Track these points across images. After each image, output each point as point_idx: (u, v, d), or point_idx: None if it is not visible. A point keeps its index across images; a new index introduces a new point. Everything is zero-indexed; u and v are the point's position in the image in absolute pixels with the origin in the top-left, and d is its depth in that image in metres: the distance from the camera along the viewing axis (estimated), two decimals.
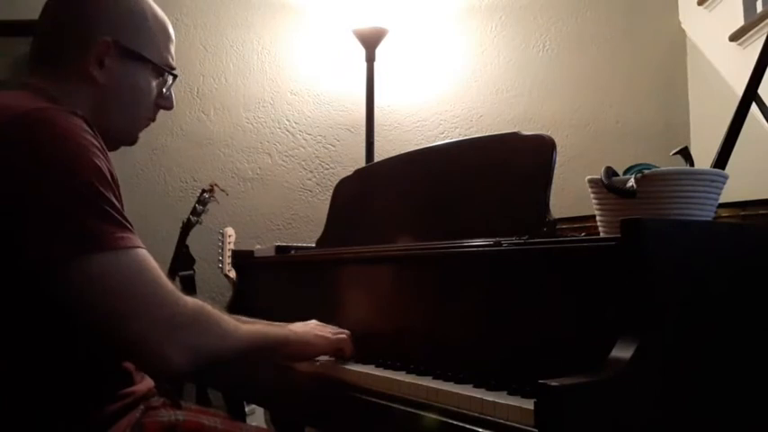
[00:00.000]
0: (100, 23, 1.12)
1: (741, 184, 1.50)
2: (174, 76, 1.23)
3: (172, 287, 1.00)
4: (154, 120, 1.24)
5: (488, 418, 0.92)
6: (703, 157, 1.44)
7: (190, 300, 1.03)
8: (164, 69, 1.20)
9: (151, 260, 0.99)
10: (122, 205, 1.01)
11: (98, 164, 0.97)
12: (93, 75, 1.11)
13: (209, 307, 1.06)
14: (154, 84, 1.20)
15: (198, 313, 1.03)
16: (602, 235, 1.14)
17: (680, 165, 1.21)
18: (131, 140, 1.22)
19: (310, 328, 1.30)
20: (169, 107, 1.24)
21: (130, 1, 1.16)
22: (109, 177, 0.99)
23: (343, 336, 1.31)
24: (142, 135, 1.25)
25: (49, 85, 1.09)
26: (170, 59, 1.22)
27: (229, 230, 2.41)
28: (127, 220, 0.99)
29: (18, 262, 0.94)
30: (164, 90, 1.22)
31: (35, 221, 0.93)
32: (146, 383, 1.16)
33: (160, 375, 1.15)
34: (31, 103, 1.00)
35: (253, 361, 1.30)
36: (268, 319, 1.26)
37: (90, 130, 1.00)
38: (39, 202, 0.93)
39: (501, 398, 0.93)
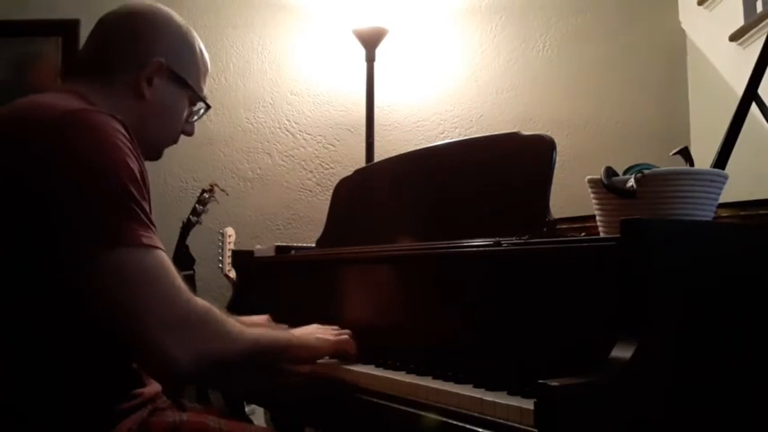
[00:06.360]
0: (157, 46, 1.21)
1: (741, 184, 1.50)
2: (208, 107, 1.33)
3: (186, 290, 1.02)
4: (176, 142, 1.32)
5: (488, 418, 0.92)
6: (703, 157, 1.44)
7: (200, 302, 1.04)
8: (200, 98, 1.30)
9: (169, 262, 1.02)
10: (150, 209, 1.04)
11: (131, 165, 1.01)
12: (142, 90, 1.19)
13: (216, 310, 1.07)
14: (186, 109, 1.29)
15: (206, 316, 1.04)
16: (602, 235, 1.14)
17: (680, 165, 1.21)
18: (157, 156, 1.29)
19: (312, 330, 1.30)
20: (191, 133, 1.33)
21: (185, 34, 1.27)
22: (140, 180, 1.02)
23: (345, 337, 1.31)
24: None
25: (92, 91, 1.14)
26: (204, 92, 1.32)
27: (229, 230, 2.41)
28: (152, 222, 1.02)
29: (46, 254, 0.97)
30: (194, 117, 1.32)
31: (67, 215, 0.96)
32: (154, 386, 1.18)
33: (163, 375, 1.15)
34: (71, 104, 1.04)
35: (255, 365, 1.30)
36: None
37: (126, 133, 1.04)
38: (72, 196, 0.96)
39: (501, 398, 0.93)
